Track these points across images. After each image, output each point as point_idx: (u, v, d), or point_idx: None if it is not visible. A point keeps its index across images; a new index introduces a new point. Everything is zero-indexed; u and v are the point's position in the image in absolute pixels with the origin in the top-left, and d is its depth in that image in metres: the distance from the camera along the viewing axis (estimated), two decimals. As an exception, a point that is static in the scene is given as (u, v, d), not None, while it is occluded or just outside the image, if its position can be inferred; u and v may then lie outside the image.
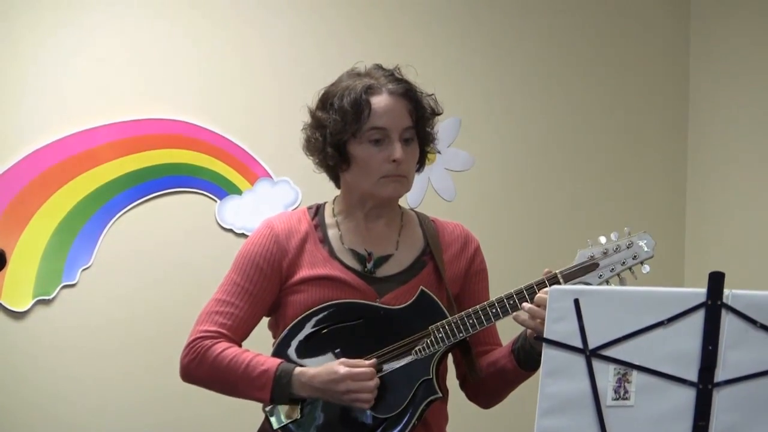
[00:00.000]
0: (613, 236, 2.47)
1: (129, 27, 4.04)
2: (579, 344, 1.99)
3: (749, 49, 4.39)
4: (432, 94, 2.62)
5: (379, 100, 2.52)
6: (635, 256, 2.46)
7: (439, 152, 2.96)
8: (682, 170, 4.63)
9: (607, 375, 2.00)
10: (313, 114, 2.60)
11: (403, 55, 2.80)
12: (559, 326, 2.00)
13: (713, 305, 1.99)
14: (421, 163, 2.63)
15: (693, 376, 2.00)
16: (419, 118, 2.56)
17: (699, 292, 2.00)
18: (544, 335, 2.00)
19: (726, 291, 1.99)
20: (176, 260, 4.03)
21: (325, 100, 2.57)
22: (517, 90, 4.48)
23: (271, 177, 4.13)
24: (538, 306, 2.36)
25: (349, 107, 2.50)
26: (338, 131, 2.52)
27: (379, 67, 2.60)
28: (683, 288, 2.10)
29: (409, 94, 2.55)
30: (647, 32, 4.66)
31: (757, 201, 4.27)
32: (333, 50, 4.15)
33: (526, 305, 2.40)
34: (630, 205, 4.56)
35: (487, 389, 2.63)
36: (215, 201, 4.09)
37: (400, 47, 4.21)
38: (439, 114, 2.63)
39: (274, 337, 2.58)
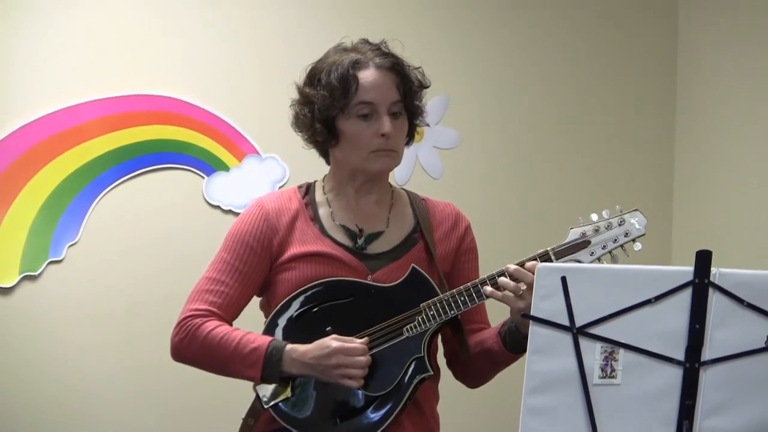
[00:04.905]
0: (605, 214, 2.47)
1: (117, 3, 4.01)
2: (566, 322, 1.98)
3: (735, 29, 4.38)
4: (419, 67, 2.61)
5: (367, 75, 2.51)
6: (627, 234, 2.45)
7: (427, 125, 2.94)
8: (669, 148, 4.63)
9: (594, 353, 1.99)
10: (300, 90, 2.59)
11: (391, 32, 2.78)
12: (547, 304, 1.99)
13: (700, 284, 1.98)
14: (410, 137, 2.62)
15: (680, 354, 2.00)
16: (407, 92, 2.55)
17: (686, 270, 1.99)
18: (531, 313, 1.99)
19: (713, 269, 1.99)
20: (163, 237, 4.02)
21: (313, 76, 2.56)
22: (506, 69, 4.47)
23: (258, 154, 4.12)
24: (514, 280, 2.38)
25: (337, 82, 2.49)
26: (326, 107, 2.51)
27: (365, 41, 2.59)
28: (671, 266, 2.09)
29: (396, 68, 2.54)
30: (635, 12, 4.65)
31: (744, 180, 4.26)
32: (320, 27, 4.13)
33: (501, 279, 2.40)
34: (618, 182, 4.55)
35: (474, 369, 2.63)
36: (203, 177, 4.08)
37: (387, 24, 4.18)
38: (426, 87, 2.62)
39: (266, 316, 2.56)
